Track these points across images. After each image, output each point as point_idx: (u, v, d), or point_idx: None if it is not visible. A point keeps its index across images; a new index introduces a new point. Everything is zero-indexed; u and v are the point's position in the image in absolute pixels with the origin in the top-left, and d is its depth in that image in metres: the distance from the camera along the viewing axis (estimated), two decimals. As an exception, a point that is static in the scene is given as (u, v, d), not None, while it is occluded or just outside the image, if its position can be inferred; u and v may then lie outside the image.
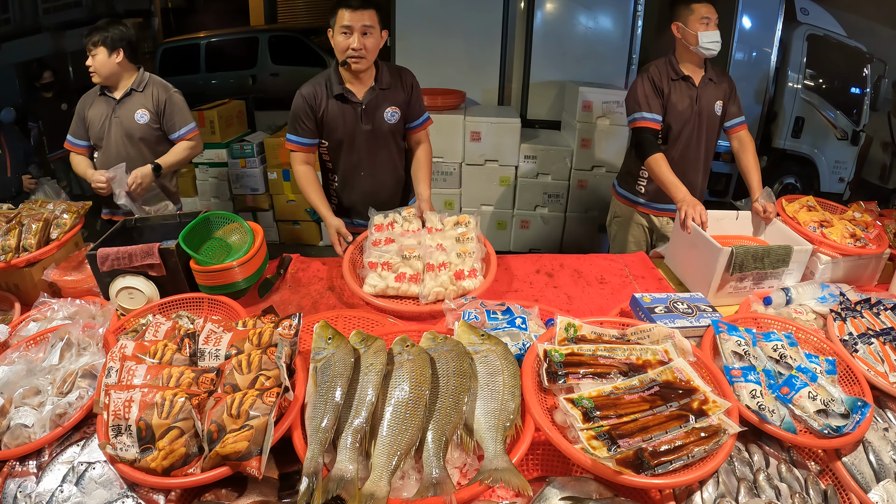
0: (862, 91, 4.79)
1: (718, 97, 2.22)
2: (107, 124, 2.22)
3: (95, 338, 1.26)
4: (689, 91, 2.19)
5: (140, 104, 2.23)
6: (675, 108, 2.19)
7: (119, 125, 2.22)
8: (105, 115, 2.22)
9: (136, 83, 2.24)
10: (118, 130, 2.23)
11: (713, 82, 2.21)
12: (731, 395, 1.11)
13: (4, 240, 1.56)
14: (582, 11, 4.15)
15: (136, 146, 2.25)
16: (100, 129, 2.23)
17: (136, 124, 2.23)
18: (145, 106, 2.23)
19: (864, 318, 1.44)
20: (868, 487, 1.08)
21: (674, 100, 2.18)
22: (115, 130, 2.23)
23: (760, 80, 4.62)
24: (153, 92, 2.26)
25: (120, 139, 2.23)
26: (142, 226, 1.75)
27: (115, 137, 2.23)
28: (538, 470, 1.14)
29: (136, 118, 2.22)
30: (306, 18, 9.88)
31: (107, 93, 2.23)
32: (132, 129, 2.23)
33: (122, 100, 2.23)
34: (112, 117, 2.22)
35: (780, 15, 4.41)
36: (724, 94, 2.24)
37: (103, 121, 2.22)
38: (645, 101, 2.17)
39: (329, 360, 1.07)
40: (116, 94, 2.23)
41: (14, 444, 1.04)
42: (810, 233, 1.73)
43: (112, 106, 2.22)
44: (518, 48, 4.24)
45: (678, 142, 2.22)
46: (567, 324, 1.22)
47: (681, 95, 2.18)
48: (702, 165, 2.30)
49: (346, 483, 0.90)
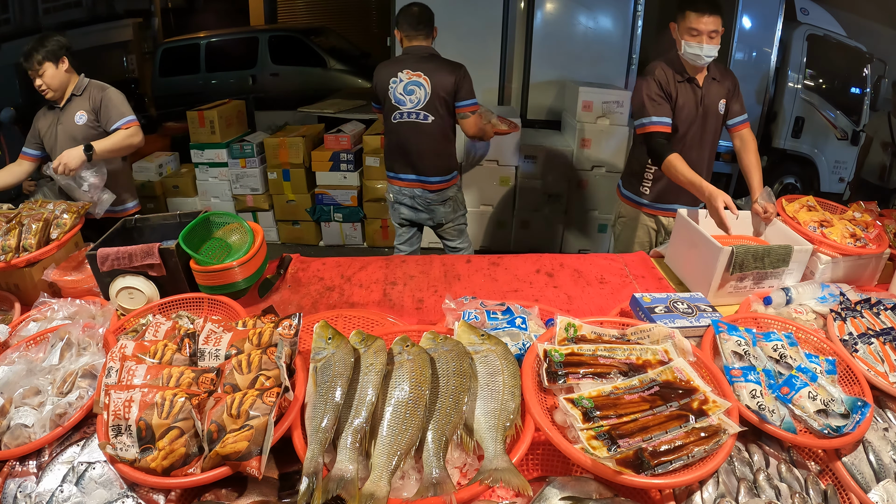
0: (862, 91, 4.79)
1: (722, 96, 2.20)
2: (53, 132, 2.32)
3: (95, 338, 1.26)
4: (694, 92, 2.17)
5: (79, 107, 2.32)
6: (682, 111, 2.17)
7: (63, 131, 2.31)
8: (51, 123, 2.32)
9: (76, 88, 2.33)
10: (63, 136, 2.31)
11: (716, 81, 2.20)
12: (731, 395, 1.11)
13: (4, 240, 1.56)
14: (582, 11, 4.15)
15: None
16: (49, 138, 2.33)
17: (77, 126, 2.31)
18: (83, 108, 2.32)
19: (864, 318, 1.44)
20: (868, 487, 1.08)
21: (680, 102, 2.16)
22: (60, 137, 2.31)
23: (760, 80, 4.62)
24: (90, 93, 2.34)
25: (65, 144, 2.27)
26: (142, 226, 1.75)
27: (61, 143, 2.30)
28: (538, 470, 1.14)
29: (75, 120, 2.31)
30: (306, 18, 9.89)
31: (54, 104, 2.33)
32: (74, 132, 2.31)
33: (64, 106, 2.33)
34: (57, 125, 2.32)
35: (780, 15, 4.41)
36: (727, 93, 2.22)
37: (49, 129, 2.33)
38: (652, 105, 2.13)
39: (329, 360, 1.07)
40: (61, 103, 2.33)
41: (14, 444, 1.04)
42: (810, 232, 1.73)
43: (57, 114, 2.32)
44: (518, 48, 4.24)
45: (681, 143, 2.19)
46: (567, 324, 1.21)
47: (687, 97, 2.16)
48: (705, 165, 2.27)
49: (346, 483, 0.90)
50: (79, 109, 2.32)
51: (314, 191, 4.46)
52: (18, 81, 6.73)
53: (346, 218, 4.49)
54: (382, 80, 2.57)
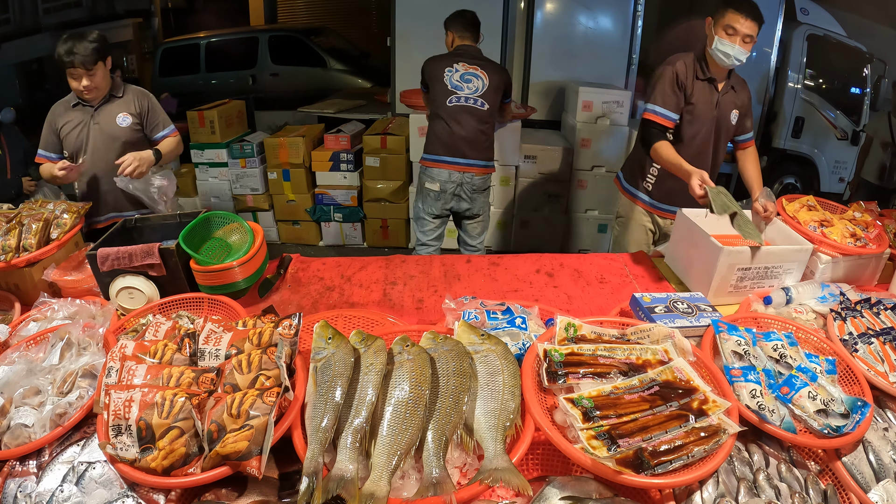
0: (862, 91, 4.79)
1: (736, 106, 2.18)
2: (84, 132, 2.23)
3: (95, 338, 1.26)
4: (711, 94, 2.13)
5: (121, 109, 2.26)
6: (696, 109, 2.13)
7: (100, 132, 2.24)
8: (81, 123, 2.23)
9: (115, 89, 2.27)
10: (99, 137, 2.24)
11: (734, 90, 2.17)
12: (730, 395, 1.11)
13: (4, 240, 1.56)
14: (582, 11, 4.15)
15: (121, 150, 2.24)
16: (77, 139, 2.24)
17: (119, 128, 2.25)
18: (126, 110, 2.26)
19: (864, 318, 1.44)
20: (868, 487, 1.08)
21: (696, 100, 2.12)
22: (95, 137, 2.24)
23: (760, 80, 4.62)
24: (134, 97, 2.30)
25: (101, 144, 2.24)
26: (142, 226, 1.75)
27: (95, 144, 2.24)
28: (538, 470, 1.14)
29: (118, 122, 2.25)
30: (306, 18, 9.88)
31: (83, 103, 2.24)
32: (115, 133, 2.25)
33: (100, 106, 2.24)
34: (90, 125, 2.23)
35: (780, 15, 4.41)
36: (741, 105, 2.19)
37: (78, 129, 2.23)
38: (661, 95, 2.11)
39: (329, 360, 1.07)
40: (94, 103, 2.24)
41: (14, 443, 1.04)
42: (811, 232, 1.73)
43: (89, 114, 2.23)
44: (518, 48, 4.24)
45: (692, 144, 2.17)
46: (567, 323, 1.21)
47: (703, 96, 2.13)
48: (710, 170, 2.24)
49: (346, 483, 0.90)
50: (121, 111, 2.26)
51: (314, 191, 4.46)
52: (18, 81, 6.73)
53: (346, 218, 4.49)
54: (435, 68, 2.81)
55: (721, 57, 2.05)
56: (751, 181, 2.13)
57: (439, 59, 2.85)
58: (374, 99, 5.39)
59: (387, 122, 4.53)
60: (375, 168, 4.25)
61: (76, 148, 2.25)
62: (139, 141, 2.31)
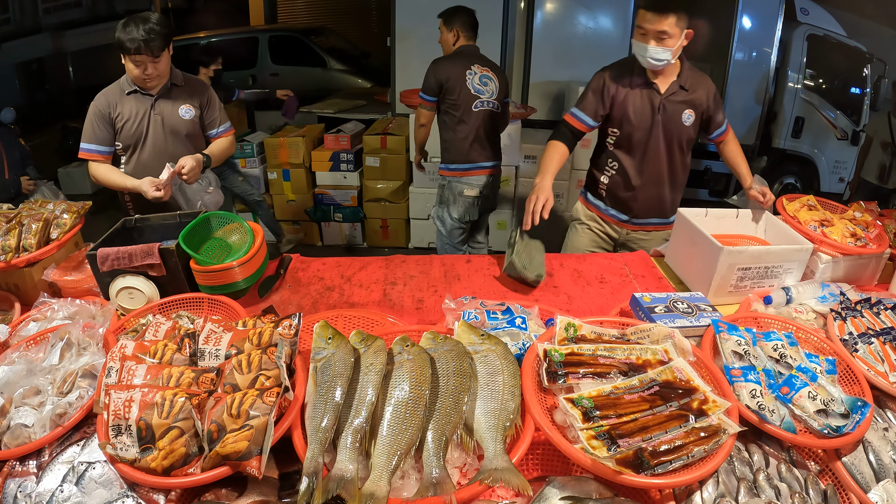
0: (862, 91, 4.80)
1: (689, 107, 2.01)
2: (145, 123, 2.08)
3: (95, 338, 1.26)
4: (650, 98, 2.00)
5: (184, 99, 2.12)
6: (630, 115, 2.02)
7: (162, 122, 2.09)
8: (142, 113, 2.07)
9: (175, 77, 2.11)
10: (160, 128, 2.09)
11: (684, 90, 1.99)
12: (731, 395, 1.11)
13: (4, 240, 1.56)
14: (582, 11, 4.15)
15: (182, 143, 2.14)
16: (136, 130, 2.08)
17: (182, 120, 2.12)
18: (189, 102, 2.12)
19: (865, 318, 1.44)
20: (868, 487, 1.08)
21: (629, 106, 2.01)
22: (155, 128, 2.09)
23: (760, 80, 4.62)
24: (195, 87, 2.17)
25: (164, 136, 2.10)
26: (142, 226, 1.75)
27: (156, 135, 2.10)
28: (538, 470, 1.14)
29: (181, 114, 2.11)
30: (306, 18, 9.89)
31: (139, 91, 2.07)
32: (177, 125, 2.11)
33: (161, 96, 2.09)
34: (150, 114, 2.08)
35: (780, 15, 4.41)
36: (698, 103, 2.02)
37: (140, 119, 2.07)
38: (583, 99, 2.07)
39: (329, 360, 1.07)
40: (152, 91, 2.07)
41: (14, 443, 1.04)
42: (811, 232, 1.73)
43: (149, 103, 2.08)
44: (518, 48, 4.25)
45: (638, 151, 2.07)
46: (567, 323, 1.21)
47: (639, 102, 2.00)
48: (667, 178, 2.12)
49: (346, 483, 0.90)
50: (184, 102, 2.11)
51: (314, 191, 4.46)
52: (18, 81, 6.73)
53: (346, 218, 4.49)
54: (456, 72, 2.75)
55: (640, 60, 1.94)
56: (739, 171, 2.07)
57: (453, 62, 2.76)
58: (374, 99, 5.39)
59: (387, 122, 4.54)
60: (375, 168, 4.25)
61: (134, 140, 2.09)
62: (199, 135, 2.21)
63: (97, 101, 2.06)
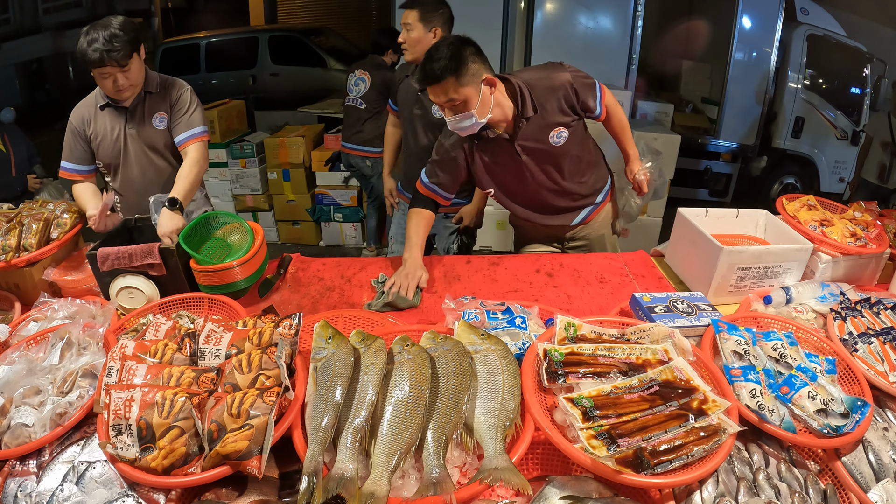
0: (862, 91, 4.80)
1: (552, 125, 1.76)
2: (120, 141, 1.87)
3: (96, 337, 1.26)
4: (507, 149, 1.77)
5: (158, 107, 1.88)
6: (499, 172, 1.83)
7: (137, 138, 1.87)
8: (117, 129, 1.86)
9: (148, 83, 1.88)
10: (138, 146, 1.88)
11: (536, 115, 1.74)
12: (730, 395, 1.11)
13: (5, 239, 1.56)
14: (582, 11, 4.15)
15: (162, 156, 1.93)
16: (114, 147, 1.87)
17: (157, 131, 1.88)
18: (162, 108, 1.89)
19: (864, 318, 1.44)
20: (867, 487, 1.08)
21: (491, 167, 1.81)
22: (133, 147, 1.88)
23: (760, 80, 4.62)
24: (167, 89, 1.92)
25: (140, 151, 1.88)
26: (142, 226, 1.75)
27: (134, 152, 1.88)
28: (538, 469, 1.14)
29: (154, 124, 1.88)
30: (306, 18, 9.89)
31: (112, 103, 1.85)
32: (153, 140, 1.88)
33: (135, 106, 1.86)
34: (126, 130, 1.86)
35: (780, 15, 4.41)
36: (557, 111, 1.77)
37: (116, 137, 1.86)
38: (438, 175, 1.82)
39: (329, 360, 1.07)
40: (126, 102, 1.85)
41: (14, 443, 1.04)
42: (811, 232, 1.73)
43: (123, 118, 1.86)
44: (518, 48, 4.24)
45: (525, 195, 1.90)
46: (567, 323, 1.22)
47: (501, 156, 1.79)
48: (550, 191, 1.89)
49: (346, 482, 0.90)
50: (158, 111, 1.87)
51: (314, 191, 4.46)
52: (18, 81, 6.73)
53: (346, 218, 4.49)
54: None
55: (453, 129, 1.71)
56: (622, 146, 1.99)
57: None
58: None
59: (387, 122, 4.53)
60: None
61: (113, 158, 1.89)
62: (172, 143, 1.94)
63: (73, 117, 1.88)
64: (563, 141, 1.79)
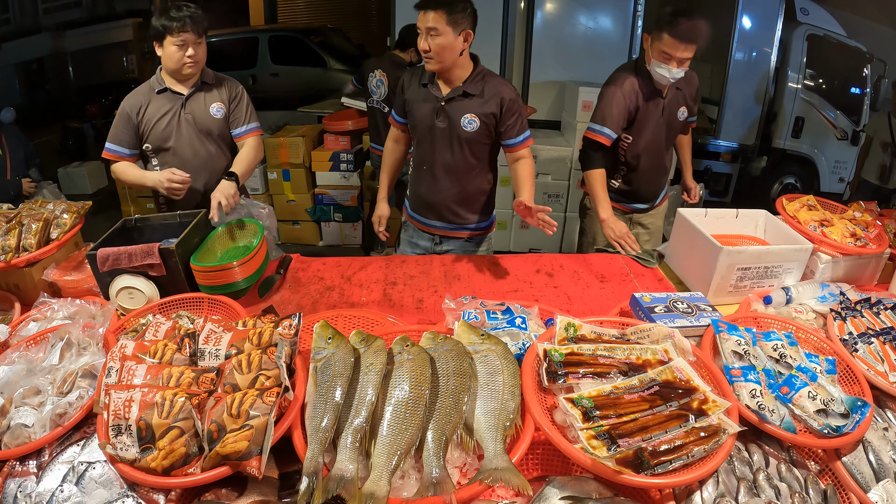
0: (862, 91, 4.80)
1: (682, 103, 2.23)
2: (175, 122, 1.99)
3: (95, 338, 1.26)
4: (658, 105, 2.18)
5: (215, 97, 2.05)
6: (644, 125, 2.19)
7: (192, 122, 2.01)
8: (172, 112, 1.99)
9: (205, 75, 2.04)
10: (190, 129, 2.01)
11: (679, 90, 2.21)
12: (730, 395, 1.11)
13: (4, 240, 1.56)
14: (582, 11, 4.15)
15: (213, 143, 2.07)
16: (166, 129, 2.00)
17: (213, 119, 2.04)
18: (219, 99, 2.05)
19: (864, 318, 1.44)
20: (868, 487, 1.08)
21: (644, 117, 2.18)
22: (186, 129, 2.01)
23: (760, 80, 4.62)
24: (225, 84, 2.09)
25: (195, 136, 2.02)
26: (142, 226, 1.75)
27: (186, 135, 2.02)
28: (538, 469, 1.14)
29: (211, 112, 2.03)
30: (306, 18, 9.90)
31: (171, 89, 1.99)
32: (208, 125, 2.03)
33: (192, 94, 2.01)
34: (182, 114, 2.00)
35: (780, 15, 4.41)
36: (688, 98, 2.25)
37: (170, 119, 1.99)
38: (608, 115, 2.15)
39: (329, 360, 1.07)
40: (182, 89, 2.00)
41: (14, 443, 1.04)
42: (811, 232, 1.73)
43: (180, 102, 2.00)
44: (518, 48, 4.24)
45: (645, 153, 2.25)
46: (567, 323, 1.21)
47: (651, 111, 2.18)
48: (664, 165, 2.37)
49: (346, 482, 0.90)
50: (215, 101, 2.03)
51: (314, 191, 4.46)
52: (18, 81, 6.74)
53: (346, 218, 4.49)
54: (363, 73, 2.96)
55: (658, 78, 2.09)
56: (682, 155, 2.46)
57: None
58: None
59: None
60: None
61: (162, 140, 2.01)
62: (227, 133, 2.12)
63: (125, 102, 2.00)
64: (682, 117, 2.23)
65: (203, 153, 2.05)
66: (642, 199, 2.41)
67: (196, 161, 2.02)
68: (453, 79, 1.92)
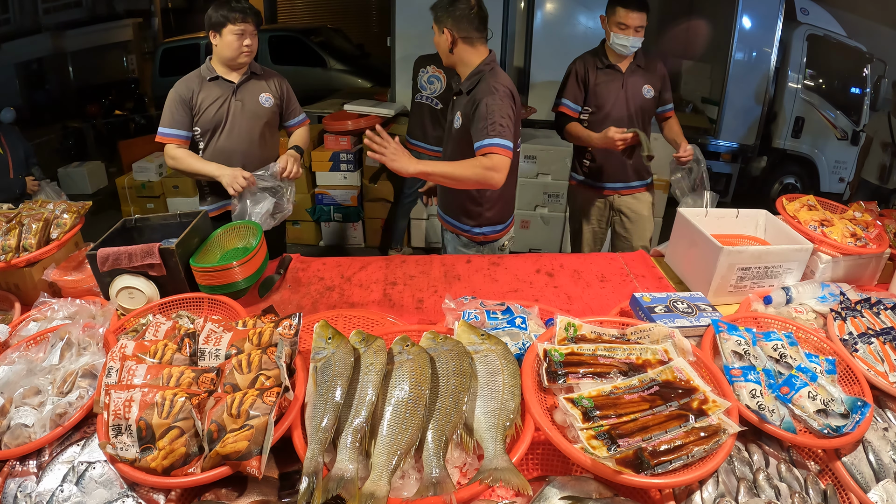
0: (862, 91, 4.80)
1: (647, 82, 2.44)
2: (226, 108, 2.14)
3: (95, 338, 1.26)
4: (615, 78, 2.42)
5: (264, 88, 2.22)
6: (602, 94, 2.44)
7: (242, 108, 2.16)
8: (223, 98, 2.14)
9: (254, 67, 2.21)
10: (241, 113, 2.16)
11: (641, 68, 2.44)
12: (730, 395, 1.11)
13: (4, 240, 1.56)
14: (582, 11, 4.15)
15: (261, 130, 2.22)
16: (217, 114, 2.13)
17: (262, 107, 2.21)
18: (268, 90, 2.23)
19: (865, 318, 1.44)
20: (868, 487, 1.08)
21: (600, 87, 2.43)
22: (236, 113, 2.16)
23: (760, 80, 4.62)
24: (272, 78, 2.28)
25: (244, 122, 2.17)
26: (142, 226, 1.75)
27: (236, 120, 2.16)
28: (538, 469, 1.14)
29: (261, 101, 2.21)
30: (306, 18, 9.90)
31: (223, 77, 2.14)
32: (258, 112, 2.20)
33: (242, 83, 2.17)
34: (232, 100, 2.15)
35: (780, 15, 4.41)
36: (654, 80, 2.46)
37: (221, 104, 2.13)
38: (564, 88, 2.48)
39: (329, 360, 1.07)
40: (233, 78, 2.15)
41: (14, 443, 1.04)
42: (811, 232, 1.73)
43: (231, 89, 2.15)
44: (518, 48, 4.24)
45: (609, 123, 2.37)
46: (567, 323, 1.21)
47: (608, 83, 2.43)
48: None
49: (346, 482, 0.90)
50: (263, 91, 2.22)
51: (314, 191, 4.46)
52: (18, 81, 6.73)
53: (347, 218, 4.49)
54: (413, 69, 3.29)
55: (620, 49, 2.36)
56: (675, 137, 2.47)
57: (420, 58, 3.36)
58: (374, 99, 5.39)
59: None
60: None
61: (213, 125, 2.15)
62: (276, 124, 2.31)
63: (177, 88, 2.11)
64: (649, 95, 2.47)
65: (249, 139, 2.19)
66: (615, 178, 2.55)
67: (242, 146, 2.16)
68: (461, 76, 2.02)
